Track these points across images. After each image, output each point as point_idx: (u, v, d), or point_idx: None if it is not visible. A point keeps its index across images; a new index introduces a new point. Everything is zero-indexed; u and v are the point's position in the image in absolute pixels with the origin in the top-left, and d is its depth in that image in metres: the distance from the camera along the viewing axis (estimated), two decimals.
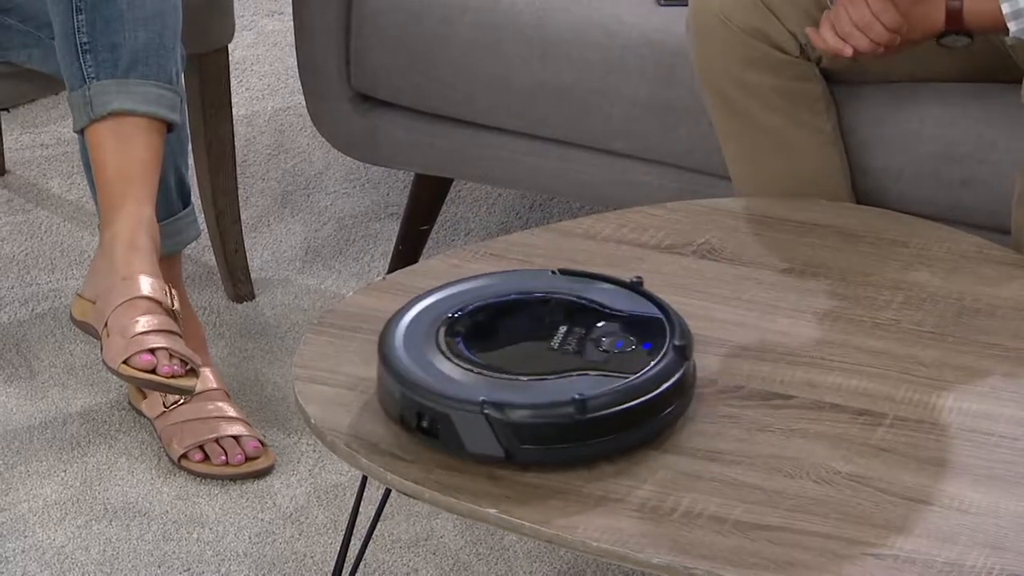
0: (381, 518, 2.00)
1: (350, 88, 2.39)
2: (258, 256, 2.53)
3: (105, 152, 2.07)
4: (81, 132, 2.10)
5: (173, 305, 2.01)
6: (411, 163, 2.43)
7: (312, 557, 2.04)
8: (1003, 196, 2.00)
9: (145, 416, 2.21)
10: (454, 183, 2.57)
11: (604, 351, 1.64)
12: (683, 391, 1.64)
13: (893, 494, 1.58)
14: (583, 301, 1.70)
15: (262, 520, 2.10)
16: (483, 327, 1.69)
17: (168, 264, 2.18)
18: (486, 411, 1.58)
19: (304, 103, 2.45)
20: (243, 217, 2.49)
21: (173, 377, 1.94)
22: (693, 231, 1.96)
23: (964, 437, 1.65)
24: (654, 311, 1.69)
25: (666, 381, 1.62)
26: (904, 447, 1.63)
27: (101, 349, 1.98)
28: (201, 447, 2.15)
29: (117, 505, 2.10)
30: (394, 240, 2.51)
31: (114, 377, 2.02)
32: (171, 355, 1.95)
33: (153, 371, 1.94)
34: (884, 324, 1.80)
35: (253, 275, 2.47)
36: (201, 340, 2.26)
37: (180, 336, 1.99)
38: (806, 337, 1.78)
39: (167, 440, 2.17)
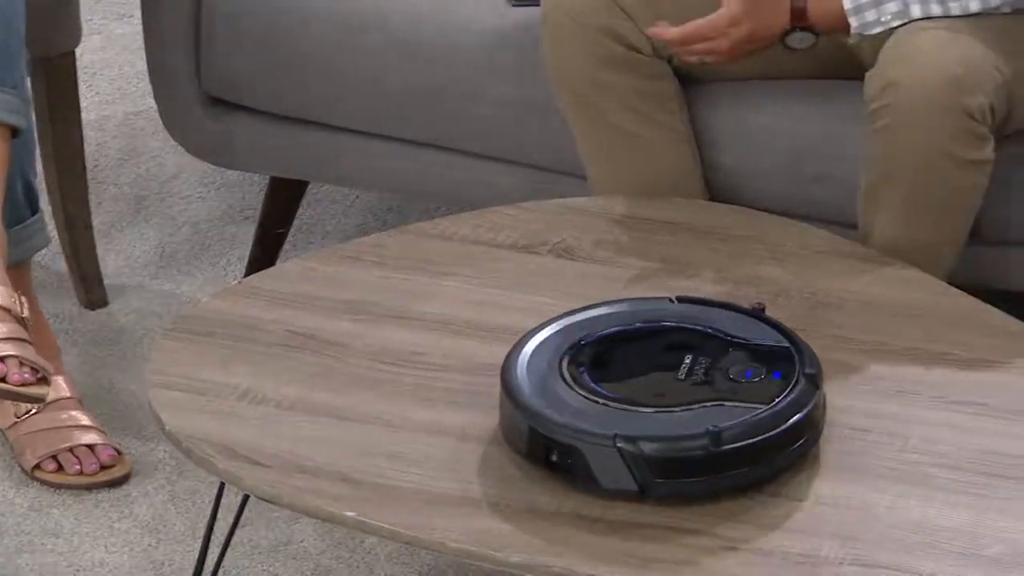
0: (240, 524, 1.99)
1: (202, 91, 2.37)
2: (111, 262, 2.50)
3: None
4: None
5: (23, 313, 1.98)
6: (266, 166, 2.41)
7: (170, 565, 2.02)
8: (853, 191, 2.03)
9: None
10: (310, 185, 2.55)
11: (733, 380, 1.60)
12: (816, 421, 1.60)
13: (752, 489, 1.60)
14: (707, 329, 1.66)
15: (118, 529, 2.07)
16: (606, 357, 1.64)
17: (17, 272, 2.14)
18: (619, 444, 1.54)
19: (156, 107, 2.42)
20: (95, 223, 2.46)
21: (24, 385, 1.91)
22: (549, 230, 1.97)
23: None
24: (779, 339, 1.65)
25: (800, 411, 1.58)
26: None
27: None
28: (55, 457, 2.12)
29: None
30: (250, 244, 2.49)
31: None
32: (21, 363, 1.92)
33: (3, 379, 1.91)
34: None
35: (106, 281, 2.43)
36: (53, 348, 2.23)
37: (31, 344, 1.96)
38: None
39: (20, 450, 2.14)
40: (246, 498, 1.90)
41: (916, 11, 1.95)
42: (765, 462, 1.57)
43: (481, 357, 1.77)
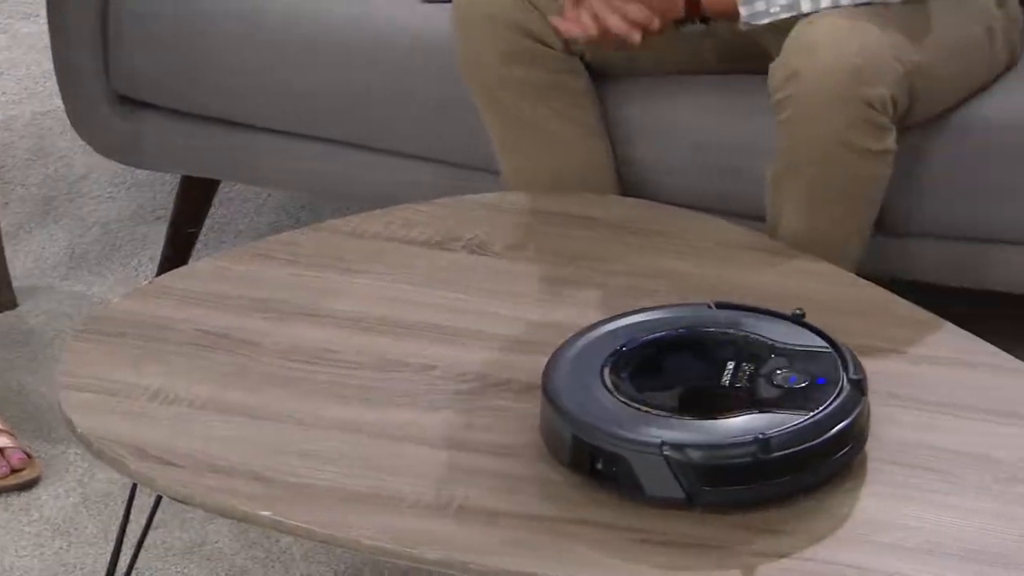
0: (153, 525, 1.97)
1: (110, 90, 2.35)
2: (20, 264, 2.47)
3: None
4: None
5: None
6: (177, 165, 2.40)
7: (82, 568, 2.00)
8: (762, 184, 2.04)
9: None
10: (222, 184, 2.54)
11: (777, 387, 1.59)
12: (862, 428, 1.59)
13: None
14: (749, 335, 1.65)
15: (29, 532, 2.05)
16: (648, 365, 1.62)
17: None
18: (665, 452, 1.52)
19: (63, 107, 2.40)
20: (3, 224, 2.43)
21: None
22: (462, 226, 1.97)
23: None
24: (822, 344, 1.64)
25: (846, 417, 1.56)
26: None
27: None
28: None
29: None
30: (162, 244, 2.47)
31: None
32: None
33: None
34: None
35: (15, 283, 2.41)
36: None
37: None
38: (576, 328, 1.80)
39: None
40: (159, 499, 1.88)
41: (806, 5, 1.96)
42: (812, 469, 1.55)
43: (395, 354, 1.77)
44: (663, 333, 1.65)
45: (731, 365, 1.62)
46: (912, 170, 2.07)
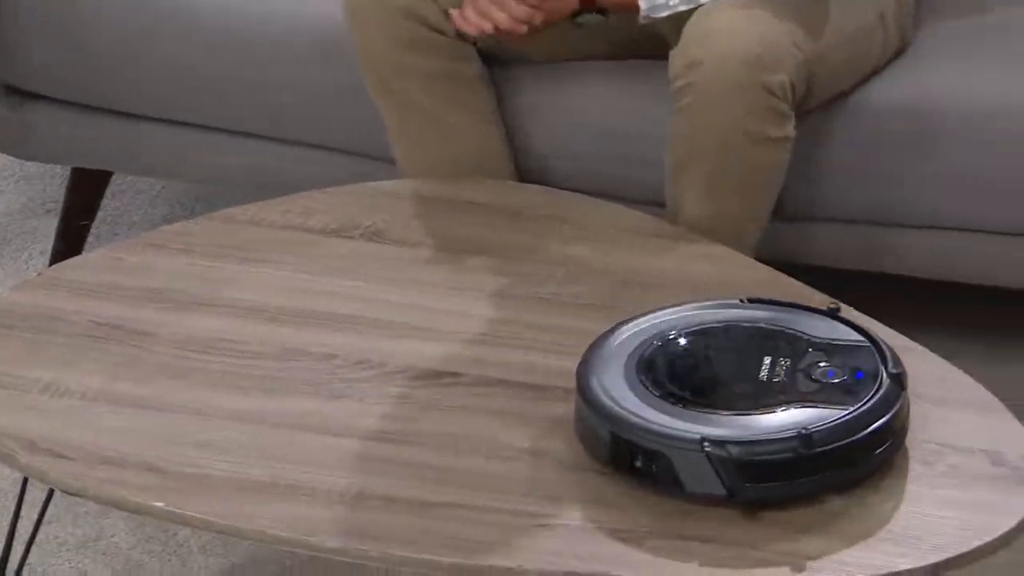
0: (46, 520, 1.94)
1: None
2: None
3: None
4: None
5: None
6: (67, 157, 2.36)
7: None
8: (661, 171, 2.04)
9: None
10: (115, 175, 2.50)
11: (816, 381, 1.56)
12: (903, 422, 1.56)
13: (563, 465, 1.60)
14: (786, 330, 1.62)
15: None
16: (684, 361, 1.60)
17: None
18: (706, 449, 1.50)
19: None
20: None
21: None
22: (359, 214, 1.95)
23: None
24: (858, 338, 1.61)
25: (888, 411, 1.54)
26: (572, 418, 1.65)
27: None
28: None
29: None
30: (53, 237, 2.43)
31: None
32: None
33: None
34: (547, 299, 1.82)
35: None
36: None
37: None
38: (473, 315, 1.79)
39: None
40: (51, 493, 1.85)
41: None
42: (854, 464, 1.53)
43: (294, 343, 1.75)
44: (697, 327, 1.64)
45: (768, 360, 1.60)
46: (808, 155, 2.08)
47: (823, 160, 2.09)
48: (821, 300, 1.76)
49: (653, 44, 2.09)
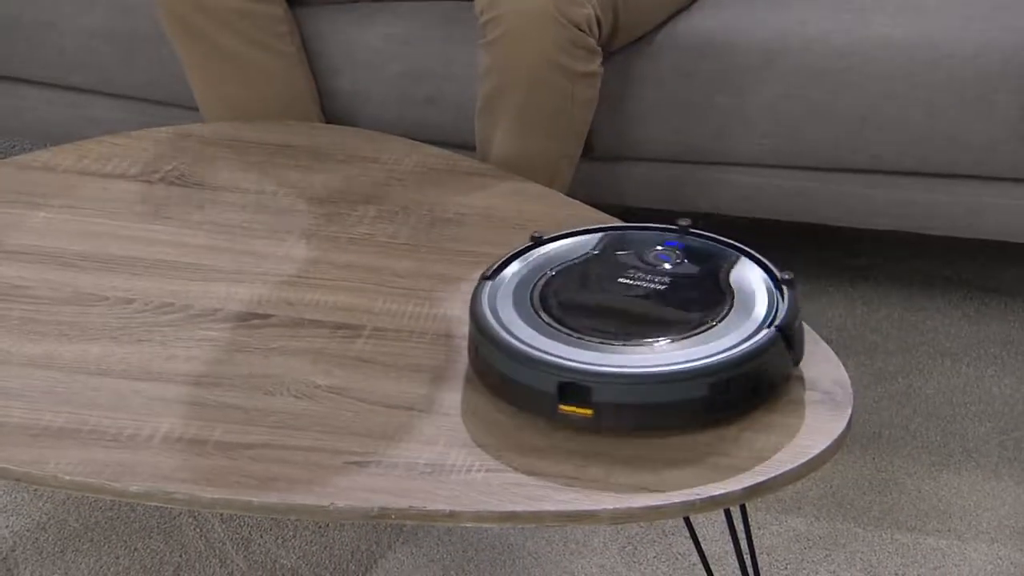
0: None
1: None
2: None
3: None
4: None
5: None
6: None
7: None
8: (467, 112, 2.01)
9: None
10: None
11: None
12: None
13: (374, 403, 1.56)
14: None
15: None
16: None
17: None
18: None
19: None
20: None
21: None
22: (159, 159, 1.89)
23: (441, 343, 1.64)
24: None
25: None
26: (383, 357, 1.61)
27: None
28: None
29: None
30: None
31: None
32: None
33: None
34: (359, 239, 1.78)
35: None
36: None
37: None
38: (282, 256, 1.74)
39: None
40: None
41: None
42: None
43: (91, 288, 1.68)
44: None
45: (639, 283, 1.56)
46: (617, 94, 2.06)
47: (631, 98, 2.08)
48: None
49: None
